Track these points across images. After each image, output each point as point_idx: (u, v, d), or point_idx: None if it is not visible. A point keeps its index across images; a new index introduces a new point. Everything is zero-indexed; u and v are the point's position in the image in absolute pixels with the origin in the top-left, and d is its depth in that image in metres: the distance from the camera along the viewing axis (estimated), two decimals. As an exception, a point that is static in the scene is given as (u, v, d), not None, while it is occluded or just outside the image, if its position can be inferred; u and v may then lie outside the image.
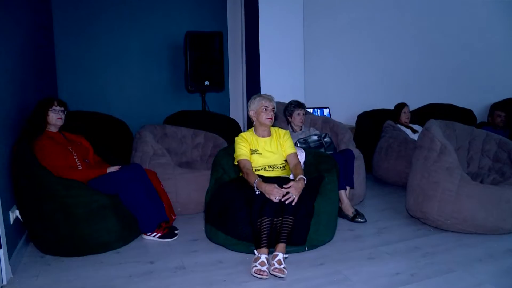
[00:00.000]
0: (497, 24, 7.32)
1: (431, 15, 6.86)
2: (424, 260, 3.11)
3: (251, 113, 3.46)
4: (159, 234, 3.47)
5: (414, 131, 5.39)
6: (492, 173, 4.12)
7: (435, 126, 3.91)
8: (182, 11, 6.14)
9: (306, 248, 3.20)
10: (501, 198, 3.54)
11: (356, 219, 3.88)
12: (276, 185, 3.04)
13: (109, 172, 3.39)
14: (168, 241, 3.47)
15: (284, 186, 3.05)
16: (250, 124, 3.55)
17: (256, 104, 3.43)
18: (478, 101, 7.18)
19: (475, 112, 6.85)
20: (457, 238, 3.54)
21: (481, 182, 3.98)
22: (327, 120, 4.86)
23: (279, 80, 5.46)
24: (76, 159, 3.41)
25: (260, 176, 3.24)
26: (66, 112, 3.51)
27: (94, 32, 5.68)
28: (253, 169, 3.35)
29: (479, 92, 7.26)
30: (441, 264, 3.05)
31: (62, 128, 3.55)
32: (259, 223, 2.93)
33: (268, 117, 3.40)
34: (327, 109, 6.10)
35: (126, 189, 3.29)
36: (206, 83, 5.56)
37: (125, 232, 3.35)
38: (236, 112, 6.25)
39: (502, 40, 7.39)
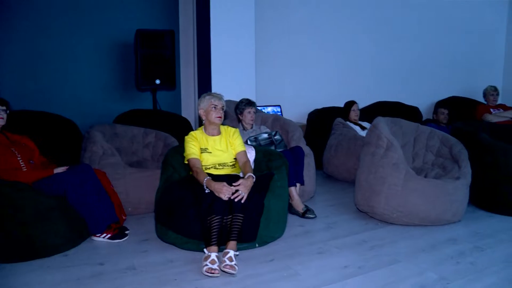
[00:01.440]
0: (441, 28, 7.58)
1: (381, 16, 7.03)
2: (371, 253, 3.22)
3: (201, 112, 3.47)
4: (109, 235, 3.42)
5: (363, 128, 5.53)
6: (435, 168, 4.28)
7: (382, 123, 4.03)
8: (133, 8, 6.07)
9: (257, 245, 3.23)
10: (443, 191, 3.71)
11: (306, 215, 3.95)
12: (225, 183, 3.06)
13: (56, 173, 3.32)
14: (118, 242, 3.42)
15: (233, 184, 3.08)
16: (201, 122, 3.55)
17: (205, 102, 3.44)
18: (423, 99, 7.44)
19: (421, 110, 7.11)
20: (403, 231, 3.68)
21: (425, 176, 4.13)
22: (277, 118, 4.92)
23: (231, 79, 5.48)
24: (20, 161, 3.30)
25: (210, 174, 3.25)
26: (8, 111, 3.40)
27: (40, 29, 5.52)
28: (203, 167, 3.35)
29: (425, 90, 7.52)
30: (387, 255, 3.17)
31: (4, 128, 3.44)
32: (208, 222, 2.94)
33: (218, 116, 3.41)
34: (279, 107, 6.17)
35: (74, 190, 3.23)
36: (157, 81, 5.52)
37: (74, 234, 3.27)
38: (188, 111, 6.23)
39: (446, 43, 7.67)
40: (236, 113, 4.53)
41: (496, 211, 4.16)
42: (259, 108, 5.71)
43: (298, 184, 4.08)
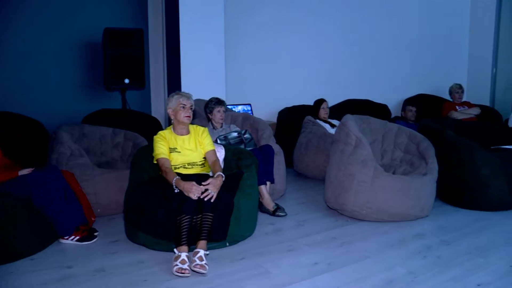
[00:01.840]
0: (409, 28, 7.71)
1: (351, 16, 7.09)
2: (341, 249, 3.26)
3: (169, 111, 3.45)
4: (78, 237, 3.37)
5: (333, 126, 5.58)
6: (403, 164, 4.36)
7: (350, 120, 4.08)
8: (101, 6, 5.98)
9: (227, 244, 3.24)
10: (410, 187, 3.78)
11: (277, 213, 3.97)
12: (194, 182, 3.06)
13: (21, 175, 3.24)
14: (87, 244, 3.37)
15: (202, 183, 3.08)
16: (171, 122, 3.53)
17: (174, 102, 3.42)
18: (392, 97, 7.55)
19: (390, 107, 7.21)
20: (372, 227, 3.74)
21: (394, 173, 4.19)
22: (247, 117, 4.93)
23: (200, 78, 5.46)
24: (-18, 163, 3.23)
25: (179, 174, 3.25)
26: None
27: (4, 27, 5.39)
28: (173, 167, 3.34)
29: (394, 88, 7.63)
30: (356, 252, 3.22)
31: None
32: (178, 221, 2.94)
33: (186, 115, 3.40)
34: (249, 105, 6.18)
35: (40, 192, 3.16)
36: (126, 81, 5.46)
37: (39, 238, 3.21)
38: (158, 110, 6.18)
39: (414, 43, 7.79)
40: (205, 112, 4.52)
41: (461, 206, 4.27)
42: (229, 107, 5.72)
43: (268, 183, 4.10)
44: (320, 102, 5.72)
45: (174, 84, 5.58)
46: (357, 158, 3.80)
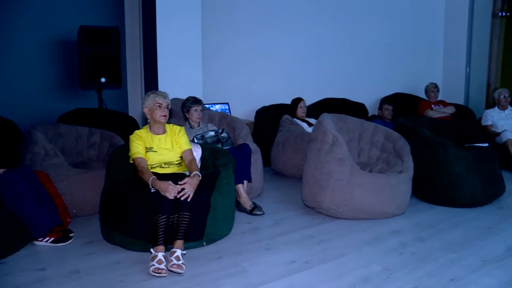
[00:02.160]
0: (386, 28, 7.78)
1: (328, 15, 7.12)
2: (318, 247, 3.28)
3: (145, 110, 3.42)
4: (52, 239, 3.31)
5: (310, 125, 5.61)
6: (379, 163, 4.41)
7: (327, 119, 4.11)
8: (76, 4, 5.89)
9: (204, 243, 3.23)
10: (386, 185, 3.82)
11: (254, 211, 3.97)
12: (171, 182, 3.04)
13: (-7, 176, 3.18)
14: (62, 245, 3.32)
15: (179, 182, 3.07)
16: (147, 121, 3.51)
17: (150, 101, 3.40)
18: (369, 95, 7.61)
19: (367, 106, 7.28)
20: (349, 225, 3.76)
21: (370, 171, 4.24)
22: (224, 116, 4.92)
23: (178, 76, 5.43)
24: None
25: (155, 173, 3.23)
26: None
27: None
28: (149, 166, 3.32)
29: (371, 87, 7.70)
30: (333, 249, 3.24)
31: None
32: (155, 221, 2.92)
33: (163, 114, 3.38)
34: (227, 104, 6.16)
35: (12, 193, 3.10)
36: (103, 80, 5.40)
37: (12, 240, 3.14)
38: (135, 109, 6.13)
39: (391, 42, 7.88)
40: (183, 111, 4.50)
41: (436, 203, 4.34)
42: (207, 106, 5.70)
43: (245, 181, 4.10)
44: (297, 101, 5.75)
45: (151, 83, 5.54)
46: (333, 157, 3.83)
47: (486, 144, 4.72)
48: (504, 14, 7.98)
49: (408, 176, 4.02)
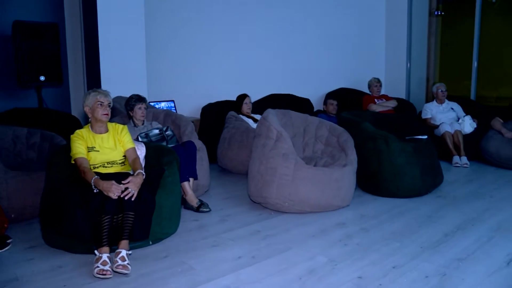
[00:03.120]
0: (330, 24, 7.92)
1: (271, 10, 7.16)
2: (264, 242, 3.31)
3: (86, 109, 3.34)
4: (-13, 246, 3.17)
5: (256, 121, 5.62)
6: (324, 157, 4.49)
7: (271, 115, 4.14)
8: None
9: (150, 242, 3.19)
10: (331, 178, 3.90)
11: (201, 209, 3.96)
12: (114, 181, 2.97)
13: None
14: (-2, 252, 3.18)
15: (122, 182, 3.00)
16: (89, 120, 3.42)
17: (90, 99, 3.31)
18: (314, 91, 7.73)
19: (312, 101, 7.37)
20: (295, 218, 3.82)
21: (315, 165, 4.30)
22: (169, 113, 4.86)
23: (121, 74, 5.33)
24: None
25: (98, 173, 3.15)
26: None
27: None
28: (91, 166, 3.24)
29: (316, 83, 7.81)
30: (279, 244, 3.27)
31: None
32: (99, 222, 2.85)
33: (104, 113, 3.31)
34: (172, 102, 6.10)
35: None
36: (42, 78, 5.20)
37: None
38: (78, 108, 5.95)
39: (335, 38, 8.01)
40: (126, 109, 4.41)
41: (379, 194, 4.47)
42: (152, 104, 5.62)
43: (191, 179, 4.07)
44: (242, 97, 5.76)
45: (93, 81, 5.40)
46: (278, 152, 3.87)
47: (425, 136, 4.89)
48: (439, 13, 8.32)
49: (352, 169, 4.11)
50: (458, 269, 2.82)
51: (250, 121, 5.57)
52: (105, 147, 3.33)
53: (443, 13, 8.34)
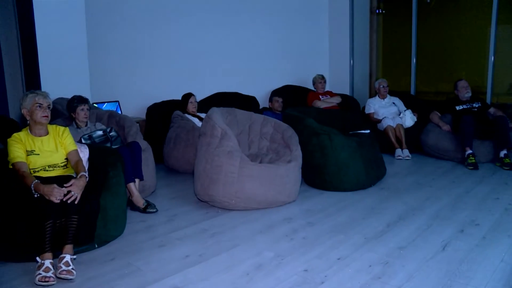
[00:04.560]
0: (274, 23, 7.99)
1: (219, 8, 7.15)
2: (212, 240, 3.33)
3: (24, 112, 3.23)
4: None
5: (201, 120, 5.61)
6: (269, 153, 4.55)
7: (216, 113, 4.16)
8: None
9: (96, 246, 3.15)
10: (276, 174, 3.96)
11: (148, 209, 3.93)
12: (55, 185, 2.89)
13: None
14: None
15: (64, 185, 2.93)
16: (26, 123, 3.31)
17: (28, 101, 3.20)
18: (260, 88, 7.78)
19: (258, 99, 7.42)
20: (242, 215, 3.86)
21: (261, 162, 4.35)
22: (113, 114, 4.78)
23: (62, 75, 5.18)
24: None
25: (39, 177, 3.06)
26: None
27: None
28: (32, 170, 3.14)
29: (261, 80, 7.87)
30: (227, 241, 3.30)
31: None
32: (40, 228, 2.77)
33: (44, 115, 3.21)
34: (117, 103, 5.99)
35: None
36: (-24, 80, 4.99)
37: None
38: (16, 111, 5.74)
39: (280, 36, 8.10)
40: (68, 111, 4.31)
41: (325, 188, 4.58)
42: (96, 105, 5.50)
43: (137, 180, 4.03)
44: (188, 96, 5.73)
45: (32, 82, 5.22)
46: (223, 150, 3.89)
47: (368, 131, 5.04)
48: (380, 11, 8.59)
49: (297, 164, 4.19)
50: (399, 257, 2.95)
51: (195, 120, 5.56)
52: (46, 150, 3.24)
53: (383, 11, 8.61)
